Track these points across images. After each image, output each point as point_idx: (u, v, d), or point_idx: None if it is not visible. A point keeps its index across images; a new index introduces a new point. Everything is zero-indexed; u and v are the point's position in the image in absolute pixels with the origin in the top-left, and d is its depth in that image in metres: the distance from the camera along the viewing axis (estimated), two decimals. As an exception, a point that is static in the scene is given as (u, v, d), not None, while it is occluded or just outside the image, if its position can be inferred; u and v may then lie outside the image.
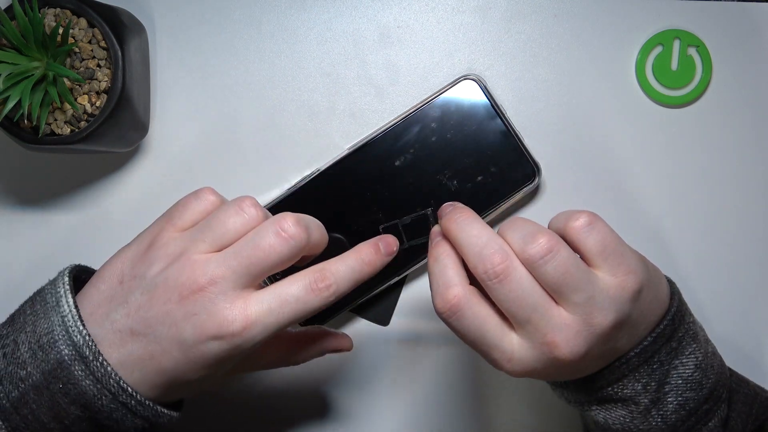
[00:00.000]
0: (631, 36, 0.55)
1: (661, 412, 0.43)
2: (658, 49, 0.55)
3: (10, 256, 0.56)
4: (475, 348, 0.42)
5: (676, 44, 0.55)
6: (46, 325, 0.42)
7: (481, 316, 0.41)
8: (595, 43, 0.55)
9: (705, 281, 0.56)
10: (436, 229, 0.44)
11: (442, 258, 0.42)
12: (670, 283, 0.46)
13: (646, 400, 0.43)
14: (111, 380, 0.41)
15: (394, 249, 0.45)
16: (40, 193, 0.56)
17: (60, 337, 0.42)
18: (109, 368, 0.41)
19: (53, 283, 0.44)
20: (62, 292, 0.43)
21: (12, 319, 0.44)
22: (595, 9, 0.55)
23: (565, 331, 0.40)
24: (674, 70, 0.55)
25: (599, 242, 0.41)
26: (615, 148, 0.55)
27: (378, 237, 0.45)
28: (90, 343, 0.41)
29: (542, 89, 0.55)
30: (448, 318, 0.41)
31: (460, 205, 0.44)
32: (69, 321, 0.42)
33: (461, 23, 0.56)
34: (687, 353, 0.44)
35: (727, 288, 0.56)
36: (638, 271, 0.41)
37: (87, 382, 0.41)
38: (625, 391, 0.43)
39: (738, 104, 0.55)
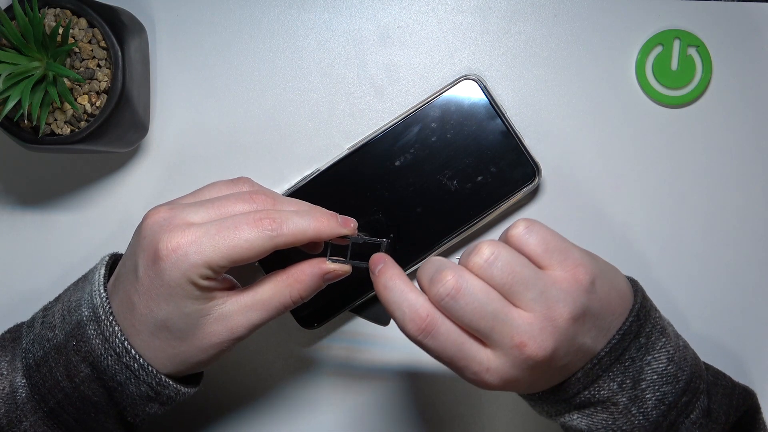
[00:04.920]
0: (631, 36, 0.55)
1: (642, 410, 0.43)
2: (658, 49, 0.55)
3: (10, 256, 0.56)
4: (453, 364, 0.42)
5: (676, 44, 0.55)
6: (79, 295, 0.46)
7: (454, 330, 0.41)
8: (595, 43, 0.55)
9: (705, 281, 0.55)
10: (375, 256, 0.44)
11: (394, 283, 0.42)
12: (633, 282, 0.46)
13: (624, 399, 0.43)
14: (117, 340, 0.44)
15: (351, 225, 0.45)
16: (40, 193, 0.56)
17: (85, 301, 0.45)
18: (116, 328, 0.44)
19: (97, 264, 0.48)
20: (99, 266, 0.47)
21: (59, 295, 0.48)
22: (595, 9, 0.55)
23: (529, 329, 0.41)
24: (674, 70, 0.55)
25: (540, 242, 0.42)
26: (615, 148, 0.55)
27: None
28: (105, 305, 0.44)
29: (542, 89, 0.55)
30: (423, 339, 0.41)
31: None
32: (94, 287, 0.45)
33: (461, 23, 0.56)
34: (658, 348, 0.44)
35: (728, 288, 0.56)
36: (586, 263, 0.42)
37: (97, 341, 0.44)
38: (602, 392, 0.43)
39: (738, 104, 0.55)
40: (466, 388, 0.56)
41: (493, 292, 0.41)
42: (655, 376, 0.44)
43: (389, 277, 0.43)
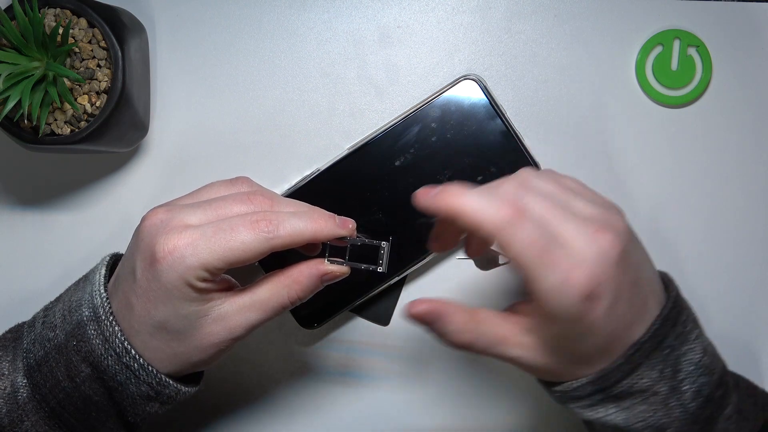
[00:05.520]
0: (631, 36, 0.55)
1: (680, 401, 0.43)
2: (658, 49, 0.55)
3: (10, 256, 0.56)
4: (540, 261, 0.39)
5: (676, 44, 0.55)
6: (79, 295, 0.46)
7: (540, 221, 0.40)
8: (595, 43, 0.55)
9: (706, 281, 0.56)
10: (422, 189, 0.42)
11: (466, 190, 0.41)
12: (663, 273, 0.46)
13: (664, 389, 0.42)
14: (117, 340, 0.44)
15: (350, 226, 0.44)
16: (40, 193, 0.56)
17: (85, 301, 0.45)
18: (116, 328, 0.44)
19: (97, 264, 0.48)
20: (99, 266, 0.47)
21: (60, 295, 0.48)
22: (595, 9, 0.55)
23: (598, 221, 0.40)
24: (674, 70, 0.55)
25: (573, 179, 0.44)
26: (615, 148, 0.55)
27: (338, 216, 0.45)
28: (106, 305, 0.44)
29: (542, 89, 0.55)
30: (516, 222, 0.39)
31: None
32: (95, 287, 0.45)
33: (461, 23, 0.56)
34: (693, 338, 0.44)
35: (728, 288, 0.56)
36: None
37: (97, 341, 0.44)
38: (642, 381, 0.42)
39: (738, 104, 0.55)
40: (466, 387, 0.56)
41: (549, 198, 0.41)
42: (692, 367, 0.43)
43: (457, 187, 0.41)
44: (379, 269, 0.45)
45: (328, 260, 0.45)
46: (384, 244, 0.45)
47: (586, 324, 0.40)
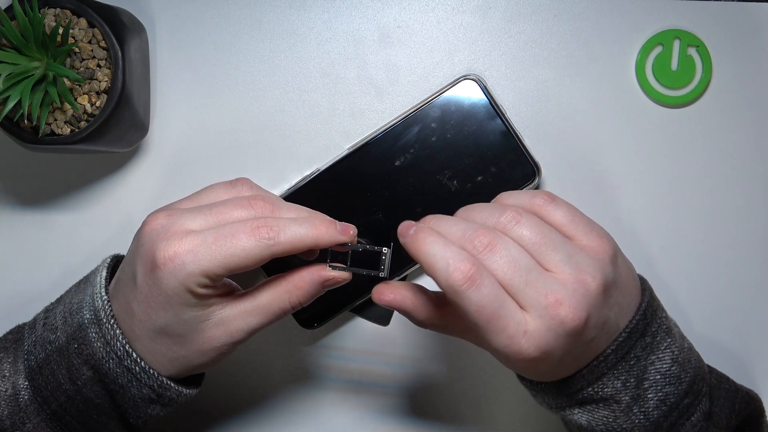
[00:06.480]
0: (631, 36, 0.55)
1: (643, 409, 0.43)
2: (658, 49, 0.55)
3: (10, 256, 0.56)
4: (490, 323, 0.40)
5: (676, 44, 0.55)
6: (80, 297, 0.46)
7: (496, 284, 0.40)
8: (595, 43, 0.55)
9: (705, 282, 0.56)
10: (405, 223, 0.43)
11: (434, 238, 0.41)
12: (642, 280, 0.46)
13: (627, 398, 0.43)
14: (118, 343, 0.44)
15: (351, 233, 0.44)
16: (40, 193, 0.56)
17: (86, 303, 0.45)
18: (117, 331, 0.44)
19: (98, 266, 0.48)
20: (100, 268, 0.47)
21: (61, 297, 0.48)
22: (595, 9, 0.55)
23: (563, 289, 0.40)
24: (674, 70, 0.55)
25: (566, 212, 0.43)
26: (615, 148, 0.55)
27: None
28: (107, 308, 0.44)
29: (542, 89, 0.55)
30: (467, 289, 0.40)
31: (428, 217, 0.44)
32: (96, 289, 0.45)
33: (461, 23, 0.56)
34: (663, 348, 0.44)
35: (728, 288, 0.56)
36: (608, 237, 0.43)
37: (98, 344, 0.44)
38: (605, 390, 0.43)
39: (738, 104, 0.55)
40: (466, 387, 0.56)
41: (525, 251, 0.41)
42: (659, 377, 0.44)
43: (428, 233, 0.42)
44: (381, 274, 0.45)
45: (329, 266, 0.45)
46: (385, 250, 0.45)
47: (534, 370, 0.43)
